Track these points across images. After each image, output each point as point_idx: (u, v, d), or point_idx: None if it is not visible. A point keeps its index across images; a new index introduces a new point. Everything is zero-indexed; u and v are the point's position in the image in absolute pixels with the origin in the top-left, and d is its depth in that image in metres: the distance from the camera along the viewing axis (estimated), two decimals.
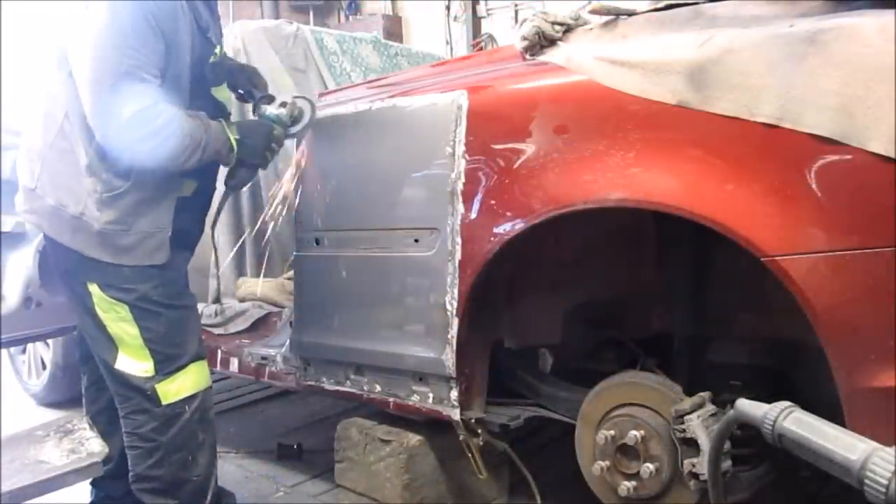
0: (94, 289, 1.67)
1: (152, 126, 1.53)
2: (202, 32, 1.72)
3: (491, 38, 7.09)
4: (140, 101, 1.52)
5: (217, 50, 1.80)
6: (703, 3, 1.43)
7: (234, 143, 1.74)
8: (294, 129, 1.89)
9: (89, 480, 1.94)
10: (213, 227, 2.08)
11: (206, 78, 1.77)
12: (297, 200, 2.07)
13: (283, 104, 1.87)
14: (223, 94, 1.88)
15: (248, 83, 1.94)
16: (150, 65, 1.54)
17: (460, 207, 1.64)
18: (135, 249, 1.65)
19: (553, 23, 1.60)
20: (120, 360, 1.71)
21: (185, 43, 1.63)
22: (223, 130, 1.72)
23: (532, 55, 1.61)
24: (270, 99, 1.90)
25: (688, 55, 1.30)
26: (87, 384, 2.01)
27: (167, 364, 1.70)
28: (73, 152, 1.63)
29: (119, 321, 1.68)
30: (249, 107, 2.06)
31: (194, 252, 1.96)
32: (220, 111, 1.84)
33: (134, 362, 1.70)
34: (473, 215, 1.62)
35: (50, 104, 1.67)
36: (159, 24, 1.55)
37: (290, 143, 2.35)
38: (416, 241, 1.73)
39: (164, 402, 1.70)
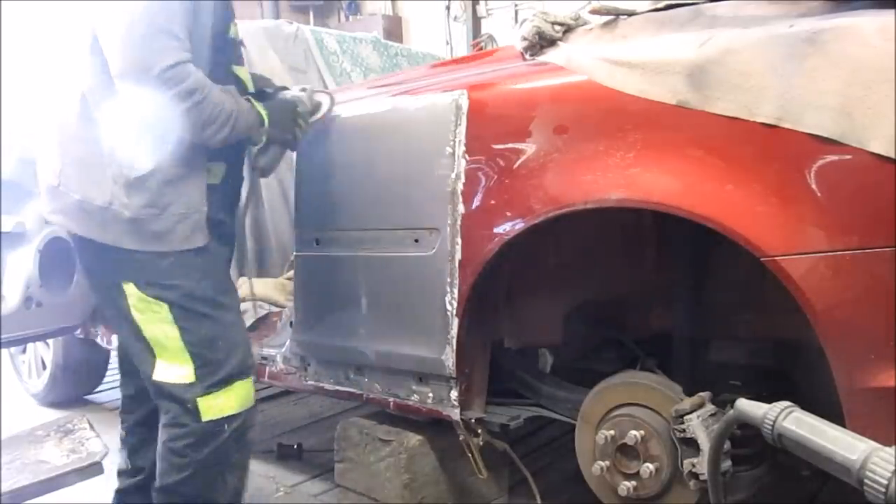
0: (130, 289, 1.57)
1: (183, 86, 1.43)
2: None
3: (491, 38, 7.09)
4: (172, 56, 1.42)
5: (234, 24, 1.71)
6: (703, 3, 1.43)
7: (265, 117, 1.66)
8: (313, 118, 1.85)
9: (115, 488, 1.90)
10: (242, 218, 1.99)
11: (225, 51, 1.66)
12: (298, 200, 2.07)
13: (303, 89, 1.84)
14: (244, 73, 1.77)
15: (261, 82, 1.88)
16: (180, 24, 1.45)
17: (460, 207, 1.64)
18: (170, 234, 1.55)
19: (553, 23, 1.60)
20: (158, 368, 1.60)
21: (207, 6, 1.54)
22: (252, 106, 1.64)
23: (532, 55, 1.61)
24: (285, 90, 1.87)
25: (688, 55, 1.30)
26: (124, 394, 1.92)
27: (208, 372, 1.59)
28: (95, 139, 1.53)
29: (158, 322, 1.58)
30: None
31: (234, 249, 1.89)
32: (241, 90, 1.73)
33: (172, 367, 1.59)
34: (473, 215, 1.62)
35: (65, 93, 1.57)
36: None
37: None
38: (416, 241, 1.73)
39: (204, 419, 1.59)
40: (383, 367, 1.87)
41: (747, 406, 1.10)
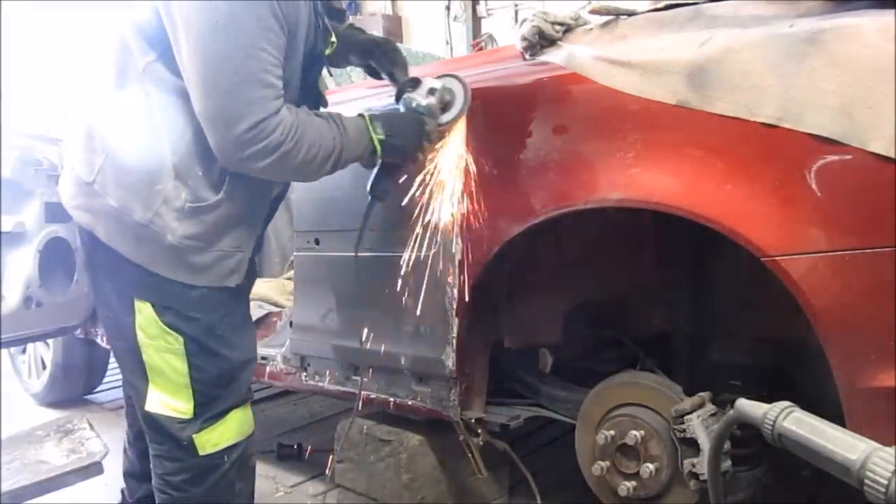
0: (144, 308, 1.43)
1: (267, 143, 1.31)
2: (319, 18, 1.47)
3: (491, 38, 7.10)
4: (259, 111, 1.29)
5: (333, 39, 1.54)
6: (703, 3, 1.43)
7: (377, 144, 1.51)
8: (445, 119, 1.59)
9: (122, 488, 1.86)
10: (356, 248, 1.70)
11: (314, 70, 1.54)
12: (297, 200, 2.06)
13: (432, 91, 1.57)
14: (321, 84, 1.64)
15: (389, 63, 1.67)
16: (273, 66, 1.31)
17: (460, 207, 1.64)
18: (209, 270, 1.44)
19: (553, 23, 1.59)
20: (151, 397, 1.48)
21: (302, 36, 1.40)
22: (364, 131, 1.50)
23: (532, 55, 1.61)
24: (416, 83, 1.61)
25: (688, 55, 1.30)
26: (130, 406, 1.78)
27: (208, 408, 1.49)
28: (152, 149, 1.38)
29: (165, 352, 1.45)
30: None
31: (256, 276, 1.75)
32: (320, 106, 1.61)
33: (170, 400, 1.47)
34: (474, 215, 1.62)
35: (121, 85, 1.41)
36: (285, 14, 1.32)
37: None
38: None
39: (201, 454, 1.49)
40: (383, 367, 1.87)
41: (747, 406, 1.10)
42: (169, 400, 1.48)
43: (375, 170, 1.61)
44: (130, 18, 1.39)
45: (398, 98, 1.61)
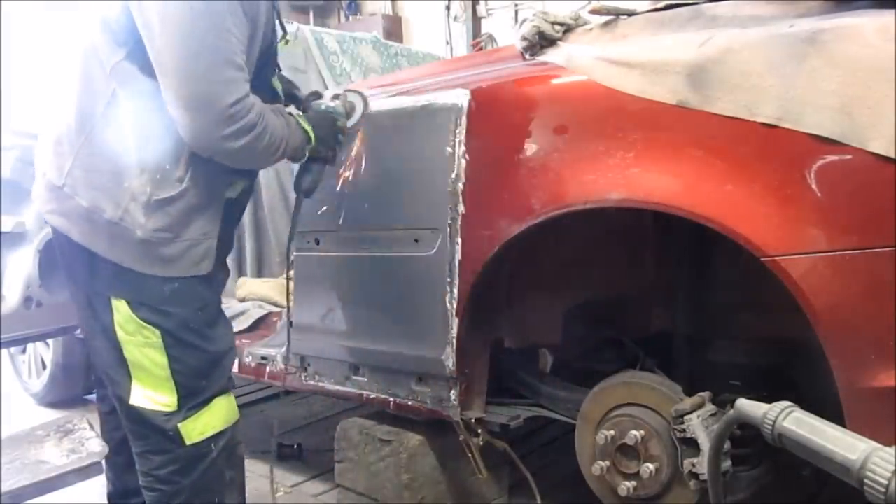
0: (120, 306, 1.46)
1: (245, 121, 1.36)
2: (277, 17, 1.57)
3: (491, 38, 7.10)
4: (237, 91, 1.34)
5: (287, 35, 1.65)
6: (703, 3, 1.43)
7: (312, 135, 1.58)
8: (351, 122, 1.73)
9: None
10: (289, 242, 1.83)
11: (269, 64, 1.58)
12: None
13: (336, 96, 1.73)
14: (277, 84, 1.68)
15: (289, 85, 1.78)
16: (242, 49, 1.37)
17: (460, 207, 1.64)
18: (180, 259, 1.46)
19: (553, 23, 1.60)
20: (135, 392, 1.50)
21: (259, 35, 1.46)
22: (297, 124, 1.56)
23: (532, 55, 1.61)
24: (319, 95, 1.76)
25: (688, 55, 1.30)
26: (104, 410, 1.80)
27: (192, 398, 1.51)
28: (119, 147, 1.41)
29: (145, 347, 1.48)
30: None
31: (229, 273, 1.77)
32: (275, 102, 1.65)
33: (153, 394, 1.49)
34: (473, 215, 1.62)
35: (87, 88, 1.45)
36: (247, 9, 1.38)
37: None
38: (416, 241, 1.73)
39: (188, 443, 1.50)
40: (383, 367, 1.87)
41: (747, 406, 1.10)
42: (152, 394, 1.49)
43: (298, 167, 1.68)
44: (99, 18, 1.42)
45: (306, 109, 1.70)
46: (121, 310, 1.47)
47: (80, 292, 1.56)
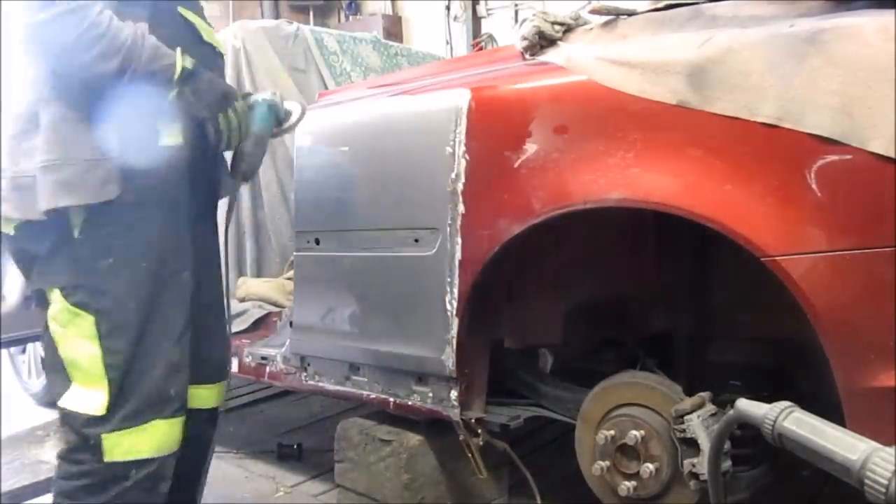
0: (54, 296, 1.36)
1: (52, 8, 1.24)
2: None
3: (491, 38, 7.10)
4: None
5: None
6: (703, 3, 1.43)
7: (180, 68, 1.38)
8: (285, 126, 1.70)
9: None
10: (226, 226, 1.74)
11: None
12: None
13: (273, 93, 1.66)
14: (197, 19, 1.53)
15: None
16: None
17: (460, 207, 1.64)
18: (81, 185, 1.30)
19: (553, 23, 1.60)
20: (68, 394, 1.37)
21: None
22: (175, 53, 1.38)
23: (532, 55, 1.61)
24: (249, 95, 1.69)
25: (688, 55, 1.30)
26: None
27: (124, 404, 1.35)
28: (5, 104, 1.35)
29: (77, 338, 1.35)
30: None
31: (210, 282, 1.64)
32: (192, 37, 1.51)
33: (85, 393, 1.35)
34: (473, 215, 1.62)
35: None
36: None
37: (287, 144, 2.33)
38: (416, 241, 1.73)
39: (106, 459, 1.34)
40: (383, 367, 1.87)
41: (747, 406, 1.10)
42: (84, 393, 1.36)
43: (233, 149, 1.59)
44: None
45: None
46: (55, 300, 1.36)
47: (32, 296, 1.48)
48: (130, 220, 1.38)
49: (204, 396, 1.66)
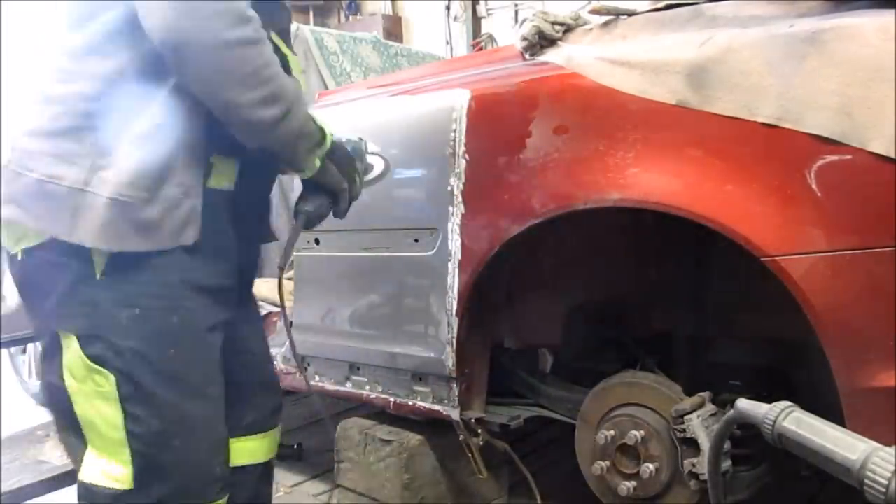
0: (69, 342, 1.11)
1: (252, 28, 1.05)
2: None
3: (491, 38, 7.11)
4: None
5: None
6: (703, 3, 1.43)
7: (328, 137, 1.23)
8: (366, 177, 1.50)
9: None
10: (280, 273, 1.48)
11: (269, 10, 1.18)
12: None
13: (360, 139, 1.44)
14: (288, 51, 1.30)
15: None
16: None
17: (460, 207, 1.64)
18: (158, 228, 1.09)
19: (553, 23, 1.60)
20: (87, 464, 1.15)
21: None
22: (317, 117, 1.23)
23: (532, 55, 1.61)
24: None
25: (688, 55, 1.30)
26: None
27: (152, 479, 1.12)
28: (74, 98, 1.08)
29: (95, 398, 1.11)
30: None
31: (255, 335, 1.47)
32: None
33: (106, 465, 1.13)
34: (473, 215, 1.62)
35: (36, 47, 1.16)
36: None
37: None
38: (416, 241, 1.73)
39: None
40: (383, 367, 1.87)
41: (747, 406, 1.10)
42: (105, 464, 1.14)
43: (302, 189, 1.34)
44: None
45: None
46: (70, 347, 1.11)
47: (37, 329, 1.24)
48: (161, 266, 1.12)
49: (252, 449, 1.39)
